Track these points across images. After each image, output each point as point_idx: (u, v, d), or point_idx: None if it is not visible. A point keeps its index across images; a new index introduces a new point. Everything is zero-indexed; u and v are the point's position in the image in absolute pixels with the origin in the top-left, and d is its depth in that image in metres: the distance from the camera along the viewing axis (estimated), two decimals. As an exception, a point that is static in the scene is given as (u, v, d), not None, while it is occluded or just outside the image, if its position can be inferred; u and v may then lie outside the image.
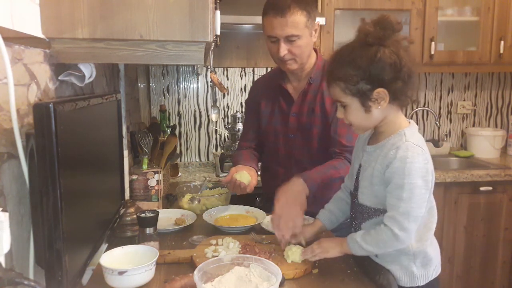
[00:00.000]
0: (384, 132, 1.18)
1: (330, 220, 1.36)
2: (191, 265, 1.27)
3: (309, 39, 1.60)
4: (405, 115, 1.22)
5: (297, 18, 1.53)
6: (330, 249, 1.20)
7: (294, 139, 1.71)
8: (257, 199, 2.12)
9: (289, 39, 1.55)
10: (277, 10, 1.53)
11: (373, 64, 1.07)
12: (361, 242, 1.14)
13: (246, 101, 1.95)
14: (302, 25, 1.54)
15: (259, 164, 1.85)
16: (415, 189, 1.08)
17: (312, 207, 1.44)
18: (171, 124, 2.85)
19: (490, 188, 2.52)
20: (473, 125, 3.19)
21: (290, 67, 1.63)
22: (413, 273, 1.19)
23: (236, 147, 2.03)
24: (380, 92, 1.09)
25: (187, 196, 1.82)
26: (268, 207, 1.70)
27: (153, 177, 1.78)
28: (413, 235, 1.11)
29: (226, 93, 2.94)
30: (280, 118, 1.74)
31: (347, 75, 1.10)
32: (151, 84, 2.88)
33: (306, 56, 1.64)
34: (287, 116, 1.72)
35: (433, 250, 1.22)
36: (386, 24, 1.08)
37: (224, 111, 2.97)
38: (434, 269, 1.22)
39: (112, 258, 1.18)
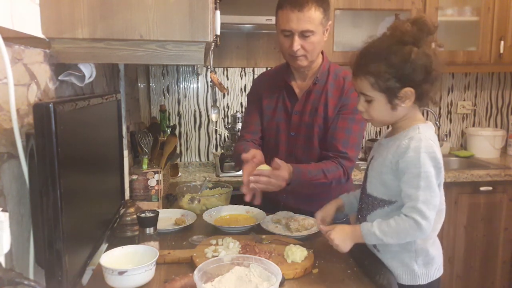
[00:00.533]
0: (401, 127, 1.20)
1: (351, 203, 1.38)
2: (191, 265, 1.27)
3: (321, 37, 1.59)
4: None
5: (314, 14, 1.53)
6: (344, 245, 1.19)
7: (295, 137, 1.71)
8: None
9: (304, 34, 1.54)
10: (295, 4, 1.52)
11: (406, 64, 1.09)
12: (380, 235, 1.13)
13: (248, 94, 1.93)
14: (318, 22, 1.54)
15: None
16: (431, 177, 1.10)
17: (312, 206, 1.44)
18: (171, 124, 2.85)
19: (490, 188, 2.52)
20: (473, 125, 3.19)
21: (301, 63, 1.62)
22: (414, 271, 1.19)
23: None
24: (408, 91, 1.11)
25: (187, 196, 1.82)
26: (267, 207, 1.70)
27: (153, 177, 1.78)
28: (433, 224, 1.12)
29: (226, 93, 2.94)
30: (283, 115, 1.73)
31: (379, 71, 1.11)
32: (151, 84, 2.88)
33: (316, 54, 1.63)
34: (289, 114, 1.72)
35: (435, 250, 1.23)
36: (423, 25, 1.10)
37: (224, 111, 2.97)
38: (436, 269, 1.22)
39: (112, 258, 1.18)
